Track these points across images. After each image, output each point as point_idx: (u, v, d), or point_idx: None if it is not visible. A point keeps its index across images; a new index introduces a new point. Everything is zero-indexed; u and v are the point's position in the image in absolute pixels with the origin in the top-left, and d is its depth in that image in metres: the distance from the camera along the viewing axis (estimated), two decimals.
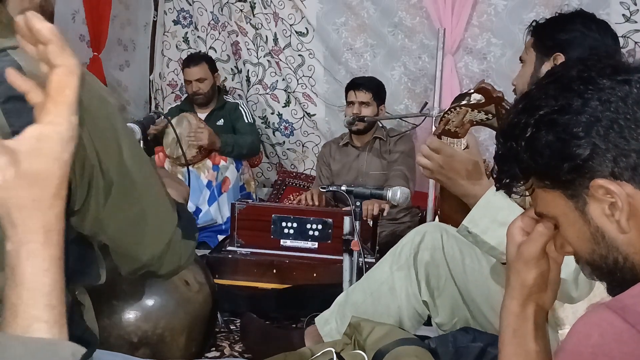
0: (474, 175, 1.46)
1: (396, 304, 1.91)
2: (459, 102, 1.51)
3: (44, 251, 0.64)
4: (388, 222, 3.31)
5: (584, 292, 1.48)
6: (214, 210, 3.66)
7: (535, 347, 0.93)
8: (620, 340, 0.72)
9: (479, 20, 3.78)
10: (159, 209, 0.99)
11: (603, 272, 0.86)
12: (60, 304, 0.66)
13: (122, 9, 4.41)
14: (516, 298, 0.95)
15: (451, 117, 1.51)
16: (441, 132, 1.54)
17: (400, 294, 1.91)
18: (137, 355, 1.65)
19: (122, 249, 0.98)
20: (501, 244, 1.37)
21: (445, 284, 1.87)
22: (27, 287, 0.63)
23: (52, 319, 0.64)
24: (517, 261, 0.95)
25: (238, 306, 2.58)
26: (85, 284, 0.99)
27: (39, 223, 0.64)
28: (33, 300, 0.63)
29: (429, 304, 1.91)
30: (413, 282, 1.90)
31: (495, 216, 1.44)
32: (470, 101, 1.49)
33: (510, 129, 0.87)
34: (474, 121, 1.51)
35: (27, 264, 0.63)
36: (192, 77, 3.90)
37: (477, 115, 1.50)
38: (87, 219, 0.90)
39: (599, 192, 0.80)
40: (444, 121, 1.52)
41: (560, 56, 1.80)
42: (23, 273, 0.63)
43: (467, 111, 1.50)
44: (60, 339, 0.65)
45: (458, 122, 1.51)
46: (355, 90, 3.44)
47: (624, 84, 0.80)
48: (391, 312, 1.91)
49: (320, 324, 2.01)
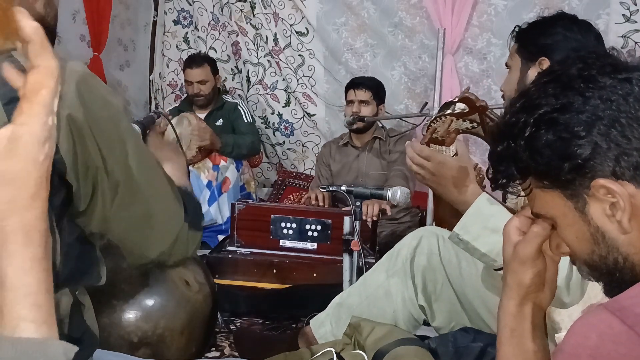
0: (463, 181, 1.49)
1: (392, 308, 1.90)
2: (444, 112, 1.54)
3: (25, 251, 0.63)
4: (388, 222, 3.31)
5: (576, 297, 1.48)
6: (214, 210, 3.66)
7: (533, 347, 0.93)
8: (618, 342, 0.71)
9: (479, 20, 3.78)
10: (166, 207, 1.00)
11: (602, 272, 0.85)
12: (47, 303, 0.65)
13: (122, 9, 4.41)
14: (513, 298, 0.95)
15: (437, 126, 1.54)
16: (428, 141, 1.56)
17: (396, 299, 1.90)
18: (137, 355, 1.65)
19: (130, 247, 0.98)
20: (492, 251, 1.44)
21: (442, 288, 1.87)
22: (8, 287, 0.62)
23: (39, 319, 0.64)
24: (513, 261, 0.95)
25: (238, 306, 2.58)
26: (85, 284, 0.99)
27: (17, 224, 0.63)
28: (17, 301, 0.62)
29: (425, 309, 1.90)
30: (409, 287, 1.89)
31: (486, 223, 1.46)
32: (455, 110, 1.51)
33: (508, 128, 0.85)
34: (459, 130, 1.54)
35: (7, 263, 0.62)
36: (194, 79, 3.89)
37: (462, 124, 1.53)
38: (95, 219, 0.90)
39: (600, 192, 0.79)
40: (431, 130, 1.55)
41: (545, 60, 1.81)
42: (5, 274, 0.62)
43: (452, 120, 1.53)
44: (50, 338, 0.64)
45: (444, 132, 1.53)
46: (354, 89, 3.45)
47: (625, 82, 0.79)
48: (387, 316, 1.90)
49: (315, 326, 2.00)
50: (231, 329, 2.43)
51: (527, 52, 1.86)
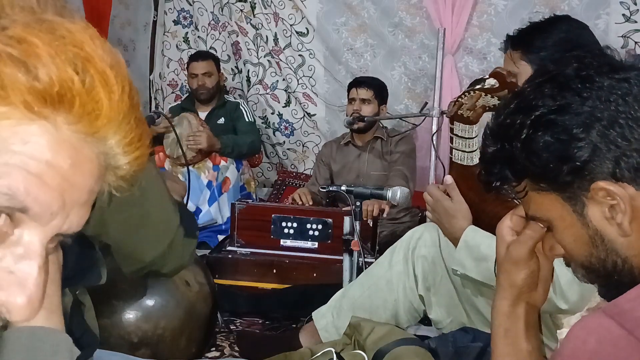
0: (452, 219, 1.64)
1: (393, 297, 1.92)
2: (473, 87, 1.52)
3: None
4: (388, 222, 3.31)
5: (576, 303, 1.50)
6: (214, 210, 3.66)
7: (527, 346, 0.93)
8: (617, 347, 0.71)
9: (479, 20, 3.79)
10: (162, 210, 1.00)
11: (599, 275, 0.83)
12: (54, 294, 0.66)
13: (122, 9, 4.41)
14: (506, 298, 0.94)
15: (464, 101, 1.52)
16: (453, 117, 1.56)
17: (397, 287, 1.92)
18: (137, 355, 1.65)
19: (126, 250, 0.98)
20: (486, 278, 1.59)
21: (442, 281, 1.88)
22: None
23: (48, 307, 0.65)
24: (506, 261, 0.94)
25: (238, 306, 2.58)
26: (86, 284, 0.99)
27: None
28: None
29: (424, 299, 1.92)
30: (410, 275, 1.91)
31: (475, 254, 1.59)
32: (485, 86, 1.49)
33: (503, 130, 0.83)
34: (486, 106, 1.52)
35: None
36: (199, 71, 3.91)
37: (490, 100, 1.51)
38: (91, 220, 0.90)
39: (600, 194, 0.77)
40: (457, 105, 1.54)
41: None
42: None
43: (481, 96, 1.51)
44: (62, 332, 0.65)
45: (470, 106, 1.51)
46: (356, 88, 3.47)
47: (623, 82, 0.77)
48: (388, 305, 1.92)
49: (317, 318, 2.03)
50: (231, 329, 2.43)
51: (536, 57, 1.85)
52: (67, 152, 0.53)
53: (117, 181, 0.60)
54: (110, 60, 0.54)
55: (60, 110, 0.52)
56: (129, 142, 0.57)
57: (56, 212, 0.54)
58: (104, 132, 0.55)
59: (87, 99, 0.52)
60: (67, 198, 0.54)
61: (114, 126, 0.55)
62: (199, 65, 3.92)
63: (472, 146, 1.60)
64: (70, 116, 0.52)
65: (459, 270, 1.66)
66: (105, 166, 0.57)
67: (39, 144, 0.52)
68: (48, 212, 0.54)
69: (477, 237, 1.60)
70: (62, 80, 0.51)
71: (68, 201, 0.54)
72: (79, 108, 0.52)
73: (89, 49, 0.53)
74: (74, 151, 0.54)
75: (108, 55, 0.54)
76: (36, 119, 0.51)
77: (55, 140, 0.52)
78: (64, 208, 0.54)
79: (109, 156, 0.57)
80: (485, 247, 1.56)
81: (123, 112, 0.55)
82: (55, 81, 0.50)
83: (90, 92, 0.52)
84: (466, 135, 1.59)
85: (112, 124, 0.54)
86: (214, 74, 3.95)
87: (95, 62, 0.53)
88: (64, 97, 0.51)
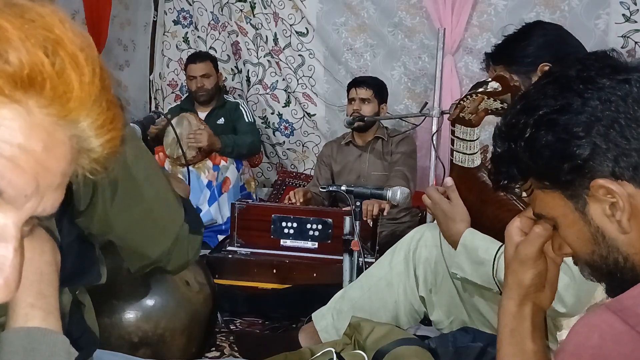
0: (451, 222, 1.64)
1: (393, 298, 1.92)
2: (475, 89, 1.52)
3: None
4: (388, 222, 3.31)
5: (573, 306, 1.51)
6: (214, 210, 3.66)
7: (533, 347, 0.93)
8: (619, 342, 0.71)
9: (479, 20, 3.79)
10: (165, 205, 1.00)
11: (603, 272, 0.85)
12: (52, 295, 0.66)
13: (122, 9, 4.41)
14: (513, 298, 0.95)
15: (466, 104, 1.52)
16: (455, 119, 1.55)
17: (397, 289, 1.91)
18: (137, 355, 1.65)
19: (131, 247, 0.99)
20: (485, 282, 1.60)
21: (443, 281, 1.87)
22: None
23: (45, 307, 0.64)
24: (514, 261, 0.95)
25: (238, 306, 2.58)
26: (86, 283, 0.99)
27: None
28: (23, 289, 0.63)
29: (425, 300, 1.91)
30: (411, 276, 1.91)
31: (473, 257, 1.59)
32: (487, 89, 1.49)
33: (508, 130, 0.86)
34: (488, 109, 1.52)
35: None
36: (197, 73, 3.90)
37: (493, 103, 1.51)
38: (95, 218, 0.90)
39: (600, 192, 0.79)
40: (459, 108, 1.53)
41: (546, 65, 1.81)
42: None
43: (483, 99, 1.50)
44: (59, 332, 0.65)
45: (473, 109, 1.51)
46: (356, 88, 3.47)
47: (624, 83, 0.79)
48: (388, 306, 1.92)
49: (317, 319, 2.02)
50: (231, 329, 2.43)
51: (522, 64, 1.85)
52: (40, 136, 0.53)
53: (90, 164, 0.59)
54: (81, 43, 0.54)
55: (31, 94, 0.52)
56: (100, 124, 0.56)
57: (30, 195, 0.54)
58: (76, 115, 0.54)
59: (58, 81, 0.52)
60: (41, 181, 0.54)
61: (85, 109, 0.54)
62: (197, 67, 3.91)
63: (473, 148, 1.60)
64: (41, 99, 0.52)
65: (458, 274, 1.67)
66: (78, 149, 0.57)
67: (11, 127, 0.51)
68: (22, 195, 0.53)
69: (475, 241, 1.60)
70: (33, 63, 0.50)
71: (42, 184, 0.54)
72: (49, 91, 0.52)
73: (59, 31, 0.53)
74: (46, 134, 0.53)
75: (78, 38, 0.54)
76: (8, 102, 0.51)
77: (28, 123, 0.52)
78: (38, 191, 0.54)
79: (82, 139, 0.57)
80: (483, 252, 1.57)
81: (94, 94, 0.54)
82: (26, 64, 0.50)
83: (61, 74, 0.52)
84: (467, 138, 1.58)
85: (83, 106, 0.54)
86: (212, 75, 3.95)
87: (66, 45, 0.52)
88: (34, 80, 0.51)
